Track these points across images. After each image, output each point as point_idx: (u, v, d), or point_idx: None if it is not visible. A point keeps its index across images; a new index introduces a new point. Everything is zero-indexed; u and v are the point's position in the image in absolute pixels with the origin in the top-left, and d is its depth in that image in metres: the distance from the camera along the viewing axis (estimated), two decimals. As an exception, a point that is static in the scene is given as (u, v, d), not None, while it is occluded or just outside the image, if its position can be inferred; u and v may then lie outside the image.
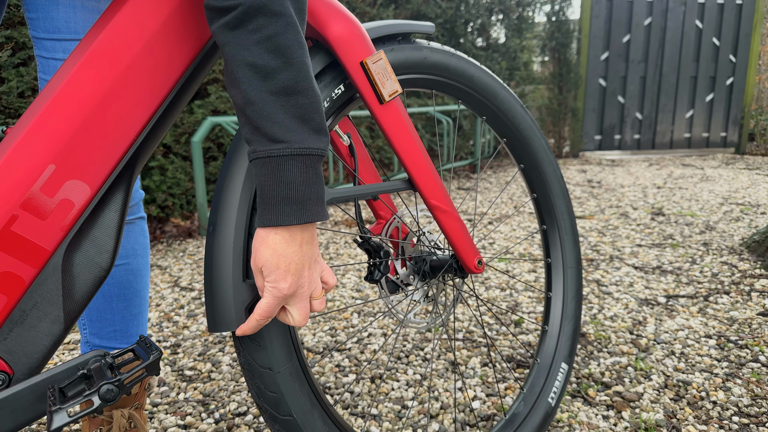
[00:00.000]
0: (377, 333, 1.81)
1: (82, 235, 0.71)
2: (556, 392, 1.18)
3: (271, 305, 0.67)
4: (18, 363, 0.67)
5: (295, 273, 0.66)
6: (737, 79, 6.75)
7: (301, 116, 0.63)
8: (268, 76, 0.62)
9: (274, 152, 0.63)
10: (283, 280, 0.66)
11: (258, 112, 0.62)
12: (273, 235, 0.65)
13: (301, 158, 0.63)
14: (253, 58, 0.61)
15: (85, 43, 0.70)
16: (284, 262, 0.65)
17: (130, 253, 1.05)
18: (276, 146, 0.63)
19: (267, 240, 0.65)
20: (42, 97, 0.68)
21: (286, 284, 0.66)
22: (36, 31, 0.91)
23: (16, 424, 0.63)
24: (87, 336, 1.06)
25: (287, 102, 0.63)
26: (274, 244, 0.65)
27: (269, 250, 0.65)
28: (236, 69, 0.62)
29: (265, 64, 0.62)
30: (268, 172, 0.63)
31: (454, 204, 0.98)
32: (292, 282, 0.66)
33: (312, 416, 0.82)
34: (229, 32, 0.62)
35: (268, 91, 0.62)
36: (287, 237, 0.65)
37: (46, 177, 0.67)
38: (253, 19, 0.61)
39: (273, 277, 0.66)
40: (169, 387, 1.50)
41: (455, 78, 1.05)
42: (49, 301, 0.69)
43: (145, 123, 0.72)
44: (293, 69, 0.63)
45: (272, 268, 0.65)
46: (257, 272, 0.68)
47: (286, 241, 0.65)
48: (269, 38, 0.62)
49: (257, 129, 0.63)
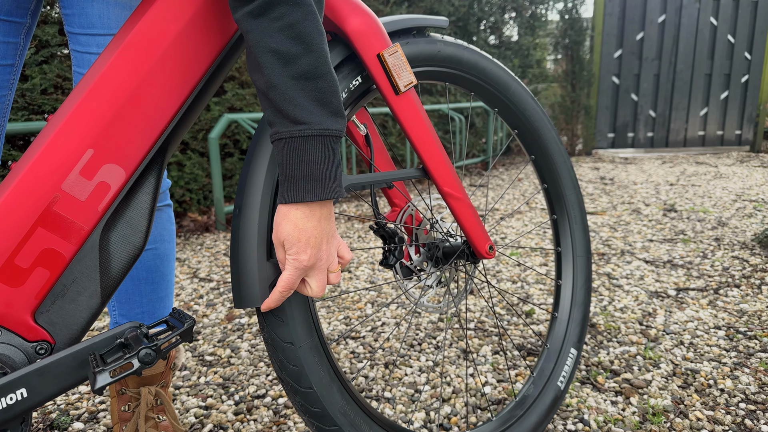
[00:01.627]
0: (390, 322, 1.85)
1: (117, 216, 0.76)
2: (565, 376, 1.22)
3: (292, 277, 0.71)
4: (59, 333, 0.73)
5: (314, 246, 0.71)
6: (752, 76, 6.70)
7: (320, 99, 0.68)
8: (289, 62, 0.66)
9: (296, 133, 0.67)
10: (303, 252, 0.70)
11: (280, 95, 0.67)
12: (294, 210, 0.69)
13: (321, 138, 0.68)
14: (275, 44, 0.65)
15: (119, 37, 0.75)
16: (305, 235, 0.70)
17: (157, 238, 1.10)
18: (298, 127, 0.67)
19: (288, 215, 0.70)
20: (81, 87, 0.73)
21: (306, 256, 0.70)
22: (71, 26, 0.96)
23: (59, 388, 0.68)
24: (116, 317, 1.11)
25: (307, 86, 0.67)
26: (296, 219, 0.69)
27: (291, 225, 0.69)
28: (260, 55, 0.67)
29: (287, 50, 0.66)
30: (290, 151, 0.68)
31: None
32: (312, 254, 0.71)
33: (331, 389, 0.86)
34: (252, 20, 0.66)
35: (289, 76, 0.66)
36: (307, 212, 0.69)
37: (85, 161, 0.72)
38: (275, 7, 0.65)
39: (294, 250, 0.70)
40: (191, 371, 1.55)
41: (468, 71, 1.09)
42: (88, 277, 0.74)
43: (176, 111, 0.77)
44: (313, 55, 0.67)
45: (293, 241, 0.70)
46: (279, 246, 0.72)
47: (306, 216, 0.69)
48: (291, 26, 0.65)
49: (280, 111, 0.67)
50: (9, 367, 0.67)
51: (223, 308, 2.01)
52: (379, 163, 1.08)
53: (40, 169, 0.70)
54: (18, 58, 0.95)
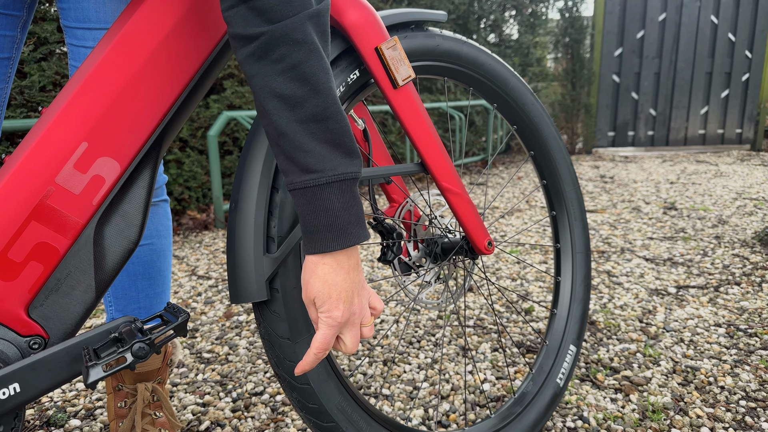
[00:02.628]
0: (389, 319, 1.85)
1: (112, 210, 0.75)
2: (564, 373, 1.21)
3: (327, 336, 0.67)
4: (53, 328, 0.72)
5: (346, 300, 0.67)
6: (753, 75, 6.69)
7: (332, 141, 0.64)
8: (296, 105, 0.63)
9: (311, 182, 0.64)
10: (336, 308, 0.67)
11: (290, 143, 0.63)
12: (321, 265, 0.66)
13: (337, 185, 0.64)
14: (280, 88, 0.62)
15: (114, 30, 0.74)
16: (335, 290, 0.66)
17: (154, 234, 1.09)
18: (311, 176, 0.64)
19: (316, 271, 0.66)
20: (75, 80, 0.73)
21: (339, 312, 0.67)
22: (67, 20, 0.95)
23: (53, 383, 0.67)
24: (113, 313, 1.11)
25: (317, 129, 0.63)
26: (324, 274, 0.66)
27: (319, 281, 0.66)
28: (265, 101, 0.63)
29: (292, 94, 0.62)
30: (307, 201, 0.65)
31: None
32: (345, 309, 0.67)
33: (328, 385, 0.85)
34: (255, 63, 0.63)
35: (297, 120, 0.63)
36: (335, 266, 0.66)
37: (79, 154, 0.72)
38: (276, 48, 0.61)
39: (326, 307, 0.66)
40: (188, 368, 1.55)
41: (467, 65, 1.08)
42: (82, 271, 0.73)
43: (171, 104, 0.76)
44: (320, 96, 0.63)
45: (324, 298, 0.66)
46: (309, 304, 0.69)
47: (335, 270, 0.66)
48: (293, 67, 0.62)
49: (291, 160, 0.64)
50: (2, 362, 0.66)
51: (221, 306, 2.01)
52: (378, 158, 1.08)
53: (33, 162, 0.69)
54: (15, 51, 0.95)
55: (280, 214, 0.81)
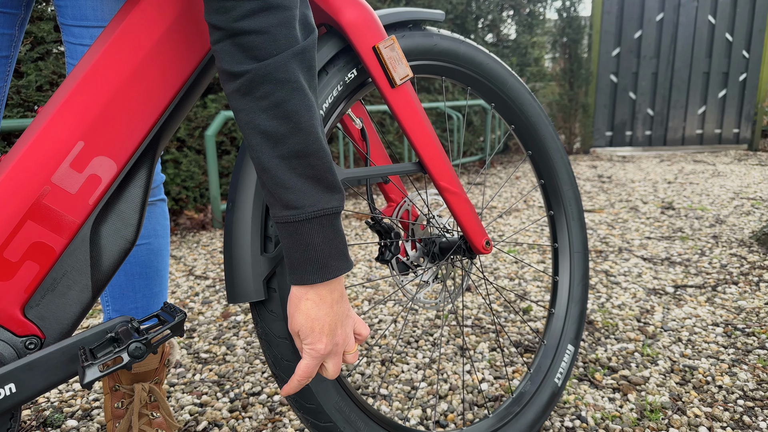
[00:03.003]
0: (387, 319, 1.84)
1: (108, 209, 0.75)
2: (562, 373, 1.21)
3: (310, 366, 0.70)
4: (49, 328, 0.72)
5: (329, 333, 0.69)
6: (750, 75, 6.70)
7: (313, 177, 0.66)
8: (278, 142, 0.64)
9: (291, 218, 0.66)
10: (319, 341, 0.69)
11: (272, 179, 0.65)
12: (304, 300, 0.68)
13: (317, 220, 0.66)
14: (263, 125, 0.64)
15: (110, 28, 0.74)
16: (318, 324, 0.68)
17: (151, 233, 1.09)
18: (292, 212, 0.65)
19: (300, 306, 0.69)
20: (71, 78, 0.72)
21: (322, 345, 0.69)
22: (64, 18, 0.95)
23: (49, 383, 0.67)
24: (110, 312, 1.10)
25: (299, 165, 0.65)
26: (307, 310, 0.68)
27: (303, 316, 0.68)
28: (249, 136, 0.65)
29: (274, 131, 0.64)
30: (288, 235, 0.67)
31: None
32: (328, 342, 0.69)
33: (326, 385, 0.85)
34: (240, 99, 0.64)
35: (279, 156, 0.64)
36: (317, 300, 0.68)
37: (75, 153, 0.71)
38: (260, 86, 0.63)
39: (309, 340, 0.69)
40: (186, 368, 1.54)
41: (464, 65, 1.08)
42: (79, 271, 0.73)
43: (167, 103, 0.76)
44: (302, 133, 0.64)
45: (308, 332, 0.69)
46: (294, 335, 0.72)
47: (317, 305, 0.68)
48: (276, 105, 0.63)
49: (273, 195, 0.66)
50: (-3, 362, 0.66)
51: (218, 306, 2.00)
52: (375, 158, 1.07)
53: (29, 161, 0.69)
54: (13, 49, 0.94)
55: (278, 213, 0.80)
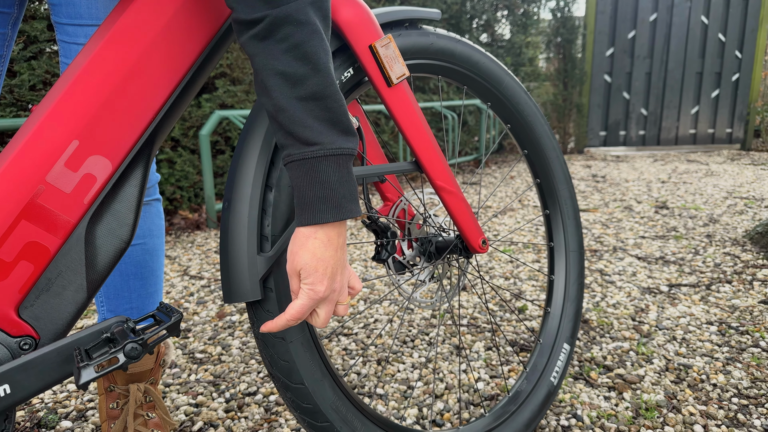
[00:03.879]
0: (383, 319, 1.84)
1: (103, 209, 0.74)
2: (558, 371, 1.21)
3: (305, 306, 0.69)
4: (44, 328, 0.71)
5: (330, 277, 0.69)
6: (743, 75, 6.74)
7: (330, 119, 0.66)
8: (297, 83, 0.64)
9: (309, 154, 0.65)
10: (320, 282, 0.68)
11: (289, 118, 0.65)
12: (312, 239, 0.68)
13: (334, 158, 0.66)
14: (282, 66, 0.64)
15: (105, 26, 0.73)
16: (322, 265, 0.68)
17: (146, 233, 1.08)
18: (310, 149, 0.65)
19: (306, 244, 0.68)
20: (66, 76, 0.72)
21: (323, 287, 0.68)
22: (58, 16, 0.94)
23: (43, 384, 0.66)
24: (104, 313, 1.10)
25: (316, 107, 0.65)
26: (314, 248, 0.67)
27: (309, 254, 0.67)
28: (266, 78, 0.65)
29: (293, 72, 0.64)
30: (304, 173, 0.66)
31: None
32: (328, 285, 0.69)
33: (322, 385, 0.85)
34: (258, 43, 0.64)
35: (297, 97, 0.64)
36: (325, 241, 0.68)
37: (70, 152, 0.71)
38: (280, 29, 0.63)
39: (311, 280, 0.68)
40: (181, 369, 1.54)
41: (461, 64, 1.08)
42: (73, 271, 0.72)
43: (163, 102, 0.75)
44: (320, 75, 0.65)
45: (311, 271, 0.68)
46: (293, 275, 0.70)
47: (325, 246, 0.68)
48: (296, 46, 0.64)
49: (290, 134, 0.65)
50: (-8, 363, 0.66)
51: (213, 306, 2.00)
52: (372, 157, 1.07)
53: (23, 160, 0.68)
54: (6, 48, 0.94)
55: (274, 212, 0.80)
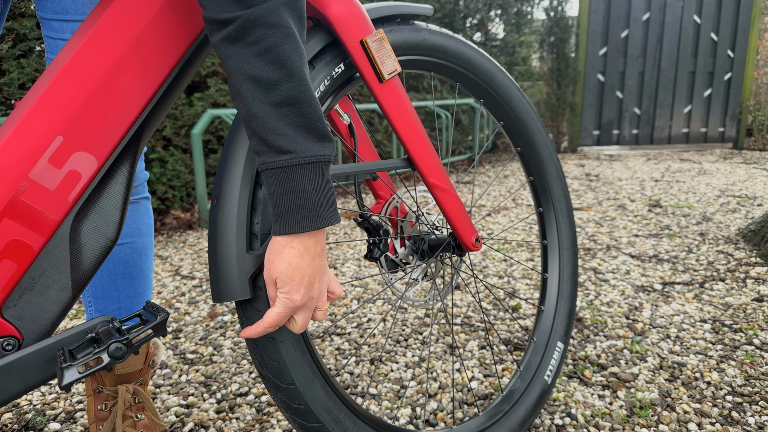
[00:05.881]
0: (376, 318, 1.83)
1: (89, 206, 0.73)
2: (552, 370, 1.20)
3: (281, 314, 0.69)
4: (27, 329, 0.69)
5: (307, 285, 0.68)
6: (735, 74, 6.77)
7: (305, 125, 0.64)
8: (270, 88, 0.62)
9: (283, 162, 0.64)
10: (296, 291, 0.68)
11: (263, 125, 0.63)
12: (288, 248, 0.67)
13: (309, 166, 0.65)
14: (254, 71, 0.62)
15: (91, 18, 0.72)
16: (298, 274, 0.67)
17: (135, 232, 1.07)
18: (284, 157, 0.64)
19: (282, 253, 0.67)
20: (50, 71, 0.70)
21: (299, 296, 0.68)
22: (44, 12, 0.92)
23: (26, 386, 0.65)
24: (92, 313, 1.08)
25: (290, 112, 0.64)
26: (290, 257, 0.67)
27: (285, 263, 0.67)
28: (239, 83, 0.63)
29: (266, 77, 0.62)
30: (279, 182, 0.65)
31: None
32: (305, 293, 0.69)
33: (314, 385, 0.84)
34: (229, 46, 0.62)
35: (271, 103, 0.63)
36: (302, 250, 0.67)
37: (54, 148, 0.69)
38: (251, 31, 0.61)
39: (287, 289, 0.68)
40: (171, 369, 1.52)
41: (453, 60, 1.07)
42: (58, 270, 0.71)
43: (150, 97, 0.74)
44: (294, 80, 0.63)
45: (287, 280, 0.67)
46: (270, 283, 0.70)
47: (301, 255, 0.67)
48: (269, 50, 0.62)
49: (264, 141, 0.64)
50: (-27, 364, 0.64)
51: (205, 306, 1.98)
52: (363, 154, 1.06)
53: (6, 157, 0.67)
54: None
55: (263, 210, 0.79)
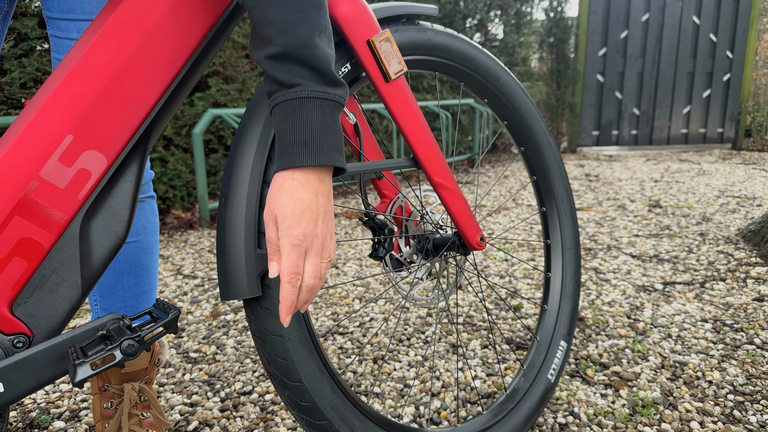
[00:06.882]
0: (379, 317, 1.83)
1: (98, 204, 0.73)
2: (555, 369, 1.21)
3: (292, 257, 0.65)
4: (38, 326, 0.70)
5: (309, 220, 0.65)
6: (734, 75, 6.78)
7: (316, 69, 0.66)
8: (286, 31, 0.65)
9: (291, 95, 0.65)
10: (297, 225, 0.65)
11: (276, 65, 0.65)
12: (290, 180, 0.65)
13: (318, 101, 0.65)
14: (274, 15, 0.64)
15: (100, 19, 0.72)
16: (299, 207, 0.65)
17: (140, 230, 1.07)
18: (293, 90, 0.65)
19: (284, 186, 0.66)
20: (60, 71, 0.71)
21: (300, 229, 0.65)
22: (50, 11, 0.93)
23: (38, 383, 0.65)
24: (98, 311, 1.08)
25: (304, 55, 0.65)
26: (291, 189, 0.65)
27: (285, 195, 0.65)
28: (262, 28, 0.65)
29: (282, 18, 0.64)
30: (286, 115, 0.65)
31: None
32: (306, 228, 0.65)
33: (321, 383, 0.84)
34: None
35: (288, 45, 0.64)
36: (303, 182, 0.65)
37: (64, 147, 0.69)
38: None
39: (288, 223, 0.65)
40: (175, 368, 1.52)
41: (458, 60, 1.07)
42: (68, 267, 0.71)
43: (159, 96, 0.74)
44: (307, 25, 0.65)
45: (287, 213, 0.65)
46: (270, 222, 0.67)
47: (302, 186, 0.65)
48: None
49: (275, 79, 0.66)
50: (-16, 361, 0.64)
51: (207, 305, 1.98)
52: (369, 153, 1.07)
53: (17, 155, 0.67)
54: None
55: (272, 208, 0.79)
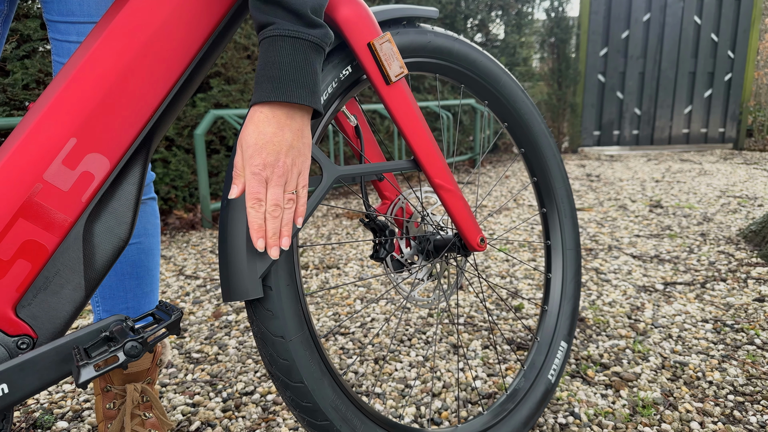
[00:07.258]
0: (380, 318, 1.84)
1: (102, 207, 0.74)
2: (555, 369, 1.22)
3: (252, 184, 0.68)
4: (41, 327, 0.70)
5: (270, 152, 0.67)
6: (735, 74, 6.78)
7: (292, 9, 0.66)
8: None
9: (267, 33, 0.66)
10: (257, 155, 0.67)
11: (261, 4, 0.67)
12: (258, 113, 0.68)
13: (290, 40, 0.66)
14: None
15: (103, 23, 0.73)
16: (262, 138, 0.67)
17: (141, 232, 1.08)
18: (268, 28, 0.67)
19: (253, 117, 0.68)
20: (63, 74, 0.71)
21: (259, 160, 0.67)
22: (50, 14, 0.93)
23: (42, 384, 0.66)
24: (100, 313, 1.09)
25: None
26: (257, 121, 0.68)
27: (252, 126, 0.68)
28: None
29: None
30: (262, 53, 0.67)
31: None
32: (265, 159, 0.67)
33: (322, 383, 0.85)
34: None
35: None
36: (270, 116, 0.67)
37: (67, 150, 0.70)
38: None
39: (250, 152, 0.68)
40: (177, 369, 1.53)
41: (458, 62, 1.08)
42: (71, 269, 0.72)
43: (162, 99, 0.75)
44: None
45: (250, 143, 0.67)
46: (238, 148, 0.70)
47: (268, 120, 0.67)
48: None
49: (256, 19, 0.68)
50: (-11, 362, 0.65)
51: (209, 305, 1.99)
52: (370, 155, 1.07)
53: (20, 158, 0.68)
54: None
55: (273, 210, 0.80)
